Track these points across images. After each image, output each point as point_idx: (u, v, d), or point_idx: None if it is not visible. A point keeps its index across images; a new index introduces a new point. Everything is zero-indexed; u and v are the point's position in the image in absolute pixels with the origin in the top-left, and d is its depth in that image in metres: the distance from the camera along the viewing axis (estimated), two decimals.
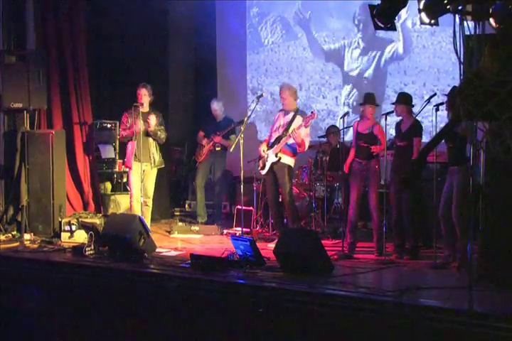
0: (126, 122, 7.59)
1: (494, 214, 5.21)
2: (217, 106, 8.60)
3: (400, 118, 6.61)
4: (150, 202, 7.63)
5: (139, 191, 7.48)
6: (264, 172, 7.39)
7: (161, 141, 7.66)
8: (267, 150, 7.35)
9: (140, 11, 8.69)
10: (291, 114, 7.31)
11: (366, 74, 9.20)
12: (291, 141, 7.19)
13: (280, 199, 7.51)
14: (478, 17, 3.67)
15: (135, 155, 7.53)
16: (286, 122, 7.29)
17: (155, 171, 7.67)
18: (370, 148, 6.58)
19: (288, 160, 7.28)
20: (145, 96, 7.54)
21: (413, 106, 6.57)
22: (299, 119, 7.20)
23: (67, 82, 8.24)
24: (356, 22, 9.25)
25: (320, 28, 9.57)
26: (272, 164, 7.28)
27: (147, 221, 7.34)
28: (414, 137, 6.42)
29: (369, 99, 6.76)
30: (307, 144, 7.26)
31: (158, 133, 7.55)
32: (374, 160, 6.67)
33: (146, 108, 7.56)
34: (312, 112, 7.12)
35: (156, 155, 7.61)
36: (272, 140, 7.37)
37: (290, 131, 7.14)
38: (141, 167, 7.48)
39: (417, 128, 6.46)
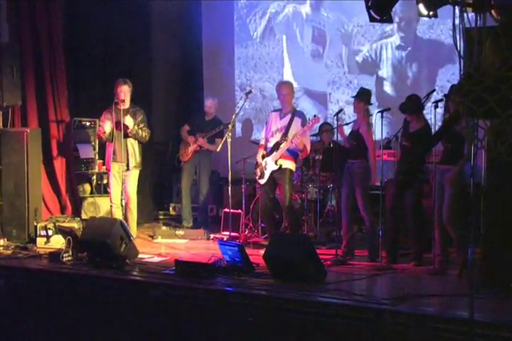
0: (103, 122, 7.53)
1: (495, 217, 5.24)
2: (211, 104, 8.56)
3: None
4: (133, 206, 7.55)
5: (118, 195, 7.45)
6: (263, 181, 7.25)
7: (144, 139, 7.59)
8: (265, 157, 7.24)
9: (122, 3, 8.67)
10: (288, 116, 7.17)
11: (361, 69, 9.21)
12: (291, 147, 7.06)
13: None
14: (479, 8, 3.68)
15: (113, 156, 7.50)
16: (284, 126, 7.15)
17: (135, 173, 7.57)
18: (358, 147, 6.55)
19: (289, 164, 7.16)
20: (124, 92, 7.42)
21: None
22: (297, 122, 7.10)
23: (43, 77, 8.20)
24: (351, 14, 9.24)
25: (312, 19, 9.57)
26: (272, 172, 7.17)
27: (132, 227, 7.31)
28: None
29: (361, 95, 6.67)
30: (309, 148, 7.19)
31: (140, 132, 7.49)
32: (361, 160, 6.59)
33: (126, 104, 7.47)
34: (315, 116, 7.09)
35: (135, 156, 7.49)
36: (270, 145, 7.23)
37: (291, 137, 7.00)
38: (119, 168, 7.45)
39: (428, 132, 6.20)
